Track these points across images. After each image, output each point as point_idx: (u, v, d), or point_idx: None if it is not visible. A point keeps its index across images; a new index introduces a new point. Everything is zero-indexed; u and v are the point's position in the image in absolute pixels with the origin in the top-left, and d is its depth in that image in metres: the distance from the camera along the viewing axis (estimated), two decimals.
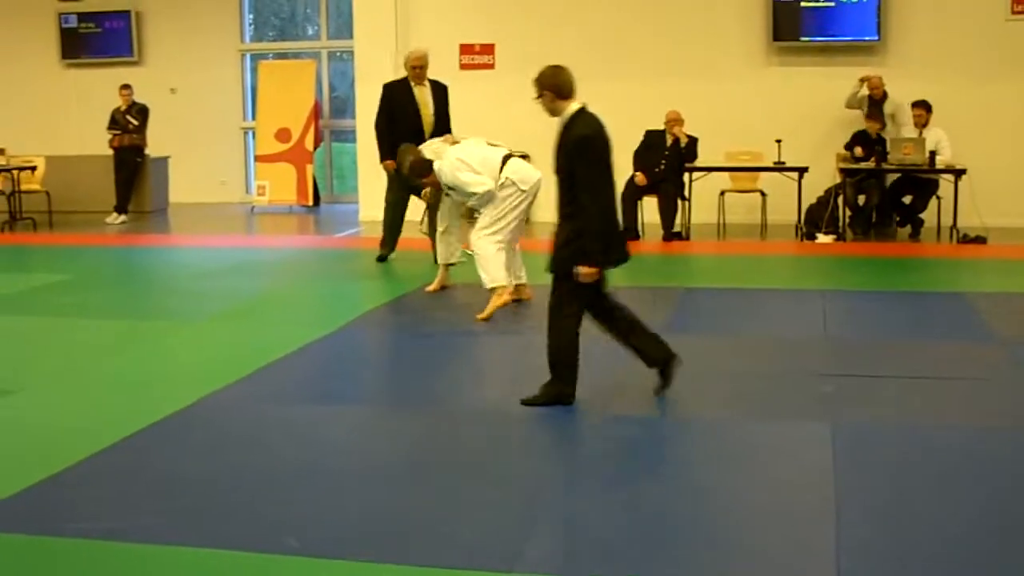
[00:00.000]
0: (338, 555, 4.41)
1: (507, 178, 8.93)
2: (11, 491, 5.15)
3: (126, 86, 16.64)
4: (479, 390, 7.12)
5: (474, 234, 9.09)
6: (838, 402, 6.52)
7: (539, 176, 8.97)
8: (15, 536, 4.67)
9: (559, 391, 6.43)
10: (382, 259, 11.89)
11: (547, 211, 7.43)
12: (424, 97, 11.60)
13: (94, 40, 18.91)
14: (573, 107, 6.50)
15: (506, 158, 9.08)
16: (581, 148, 6.31)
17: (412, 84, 11.55)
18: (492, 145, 9.38)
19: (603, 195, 6.38)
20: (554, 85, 6.54)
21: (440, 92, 11.72)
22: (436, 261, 10.38)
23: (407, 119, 11.40)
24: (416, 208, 11.94)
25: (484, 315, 8.86)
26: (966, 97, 14.26)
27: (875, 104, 14.02)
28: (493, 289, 8.94)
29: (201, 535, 4.64)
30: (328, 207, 17.93)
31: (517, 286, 9.36)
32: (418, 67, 11.56)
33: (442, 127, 11.51)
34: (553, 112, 6.54)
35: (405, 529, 4.70)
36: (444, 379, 7.39)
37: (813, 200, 13.68)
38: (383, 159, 11.54)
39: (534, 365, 7.28)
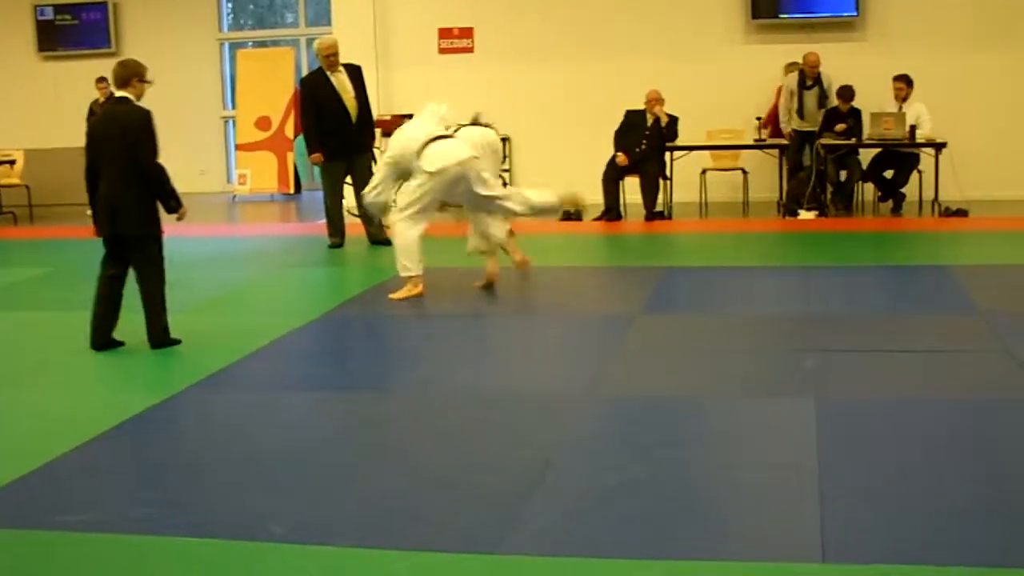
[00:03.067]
0: (325, 541, 4.40)
1: (419, 163, 8.89)
2: (1, 482, 5.14)
3: (102, 79, 16.52)
4: (464, 374, 7.10)
5: (391, 216, 9.29)
6: (822, 377, 6.52)
7: (460, 159, 8.89)
8: (5, 531, 4.66)
9: None
10: (336, 246, 11.94)
11: None
12: (343, 83, 11.78)
13: (71, 32, 18.81)
14: None
15: (429, 142, 8.96)
16: None
17: (329, 73, 11.67)
18: (446, 125, 9.34)
19: None
20: None
21: (356, 75, 11.91)
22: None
23: (331, 107, 11.62)
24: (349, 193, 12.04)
25: (395, 296, 9.03)
26: (945, 70, 14.27)
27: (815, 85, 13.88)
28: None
29: (189, 525, 4.62)
30: (309, 194, 17.87)
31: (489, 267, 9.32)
32: (331, 55, 11.77)
33: (364, 110, 11.81)
34: None
35: (392, 514, 4.70)
36: (429, 363, 7.38)
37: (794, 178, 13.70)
38: (311, 153, 11.86)
39: (519, 347, 7.30)
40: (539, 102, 15.39)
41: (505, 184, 9.95)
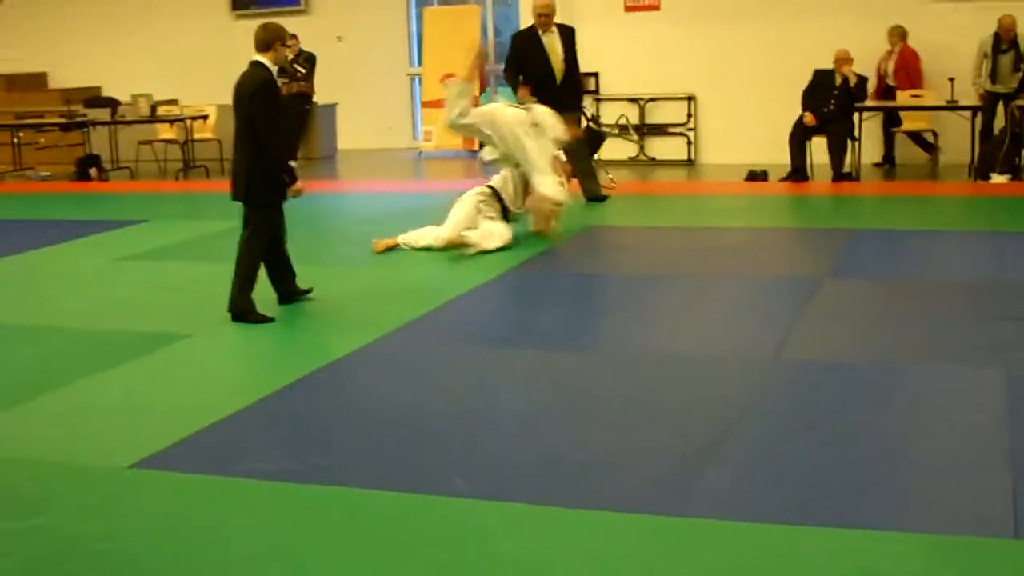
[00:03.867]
0: (504, 497, 4.47)
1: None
2: (186, 433, 5.32)
3: (292, 36, 16.85)
4: (647, 334, 7.11)
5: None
6: (1014, 348, 6.36)
7: None
8: (192, 476, 4.83)
9: None
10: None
11: None
12: (553, 44, 11.63)
13: None
14: None
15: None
16: None
17: (540, 32, 11.58)
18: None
19: None
20: None
21: (568, 36, 11.75)
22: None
23: (537, 67, 11.48)
24: None
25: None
26: None
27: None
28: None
29: (370, 476, 4.74)
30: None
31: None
32: (543, 14, 11.59)
33: (571, 71, 11.67)
34: None
35: (573, 472, 4.75)
36: (611, 323, 7.42)
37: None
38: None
39: (703, 308, 7.29)
40: (725, 61, 15.23)
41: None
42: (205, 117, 16.62)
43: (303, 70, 16.68)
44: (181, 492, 4.70)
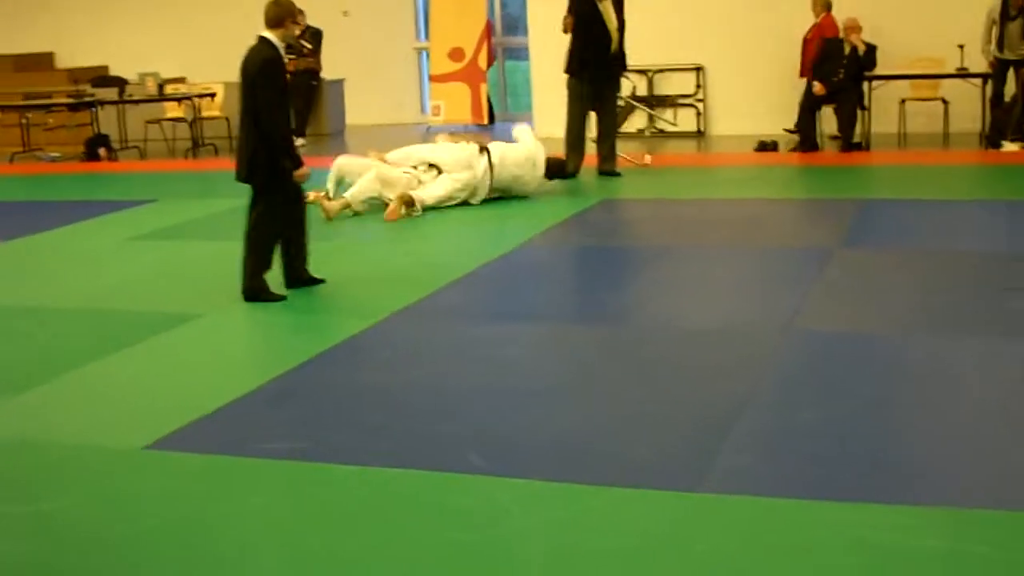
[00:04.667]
0: (520, 474, 4.47)
1: None
2: (199, 413, 5.33)
3: (299, 11, 16.80)
4: (660, 306, 7.11)
5: None
6: None
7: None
8: (206, 456, 4.85)
9: None
10: (572, 175, 11.84)
11: None
12: (608, 12, 11.67)
13: None
14: None
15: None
16: None
17: (597, 0, 11.56)
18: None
19: None
20: None
21: (619, 5, 11.76)
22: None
23: (596, 33, 11.53)
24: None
25: None
26: None
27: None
28: None
29: (387, 454, 4.75)
30: (503, 125, 17.96)
31: None
32: None
33: (621, 40, 11.74)
34: None
35: (588, 448, 4.75)
36: (624, 295, 7.40)
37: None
38: (570, 71, 11.78)
39: (715, 280, 7.27)
40: (733, 29, 15.13)
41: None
42: (213, 95, 16.59)
43: (310, 46, 16.66)
44: (196, 473, 4.71)
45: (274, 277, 7.49)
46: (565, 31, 11.58)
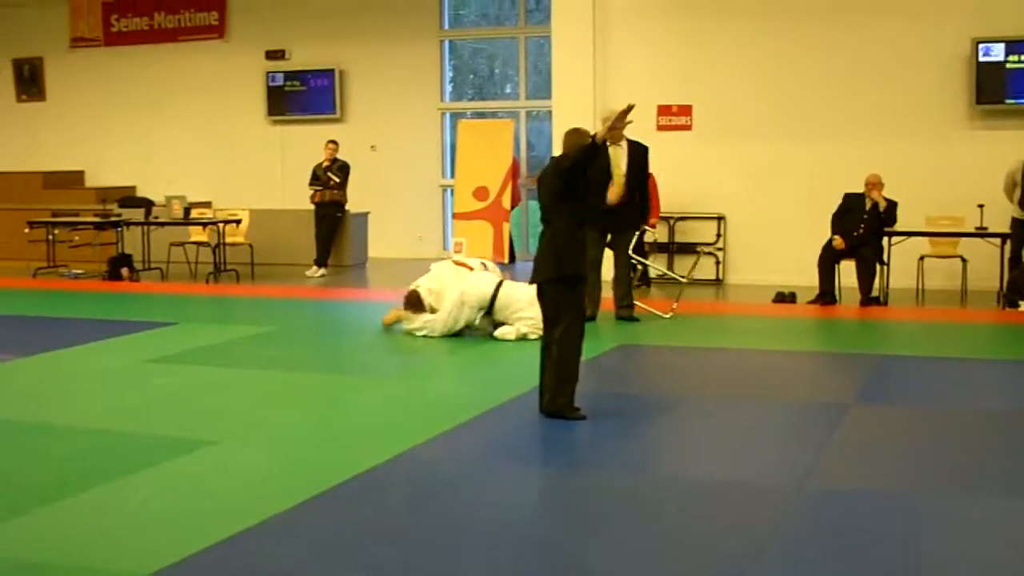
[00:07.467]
0: None
1: None
2: (209, 542, 5.29)
3: (333, 141, 17.09)
4: (672, 457, 7.10)
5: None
6: None
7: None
8: None
9: None
10: (590, 319, 11.84)
11: None
12: (617, 158, 11.70)
13: (299, 97, 19.50)
14: None
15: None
16: None
17: (608, 142, 11.63)
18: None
19: None
20: None
21: (636, 153, 11.80)
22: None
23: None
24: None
25: None
26: None
27: None
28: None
29: None
30: (523, 265, 18.07)
31: None
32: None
33: (633, 187, 11.77)
34: None
35: None
36: (637, 445, 7.35)
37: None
38: None
39: (728, 433, 7.25)
40: (755, 181, 15.34)
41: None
42: (238, 221, 16.77)
43: (337, 179, 16.91)
44: None
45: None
46: None
